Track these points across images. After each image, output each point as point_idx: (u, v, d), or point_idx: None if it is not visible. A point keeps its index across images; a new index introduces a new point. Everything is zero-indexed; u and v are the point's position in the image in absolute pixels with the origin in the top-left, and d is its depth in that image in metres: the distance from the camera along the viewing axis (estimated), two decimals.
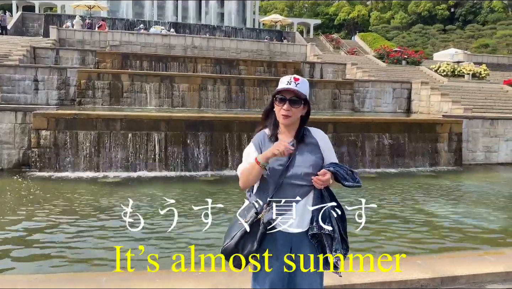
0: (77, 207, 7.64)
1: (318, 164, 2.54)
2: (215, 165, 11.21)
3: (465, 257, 5.25)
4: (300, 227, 2.50)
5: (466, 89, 20.08)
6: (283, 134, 2.59)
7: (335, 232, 2.46)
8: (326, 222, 2.45)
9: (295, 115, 2.53)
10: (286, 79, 2.55)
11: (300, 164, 2.51)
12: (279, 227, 2.49)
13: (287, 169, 2.49)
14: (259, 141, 2.60)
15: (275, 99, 2.55)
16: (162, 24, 33.81)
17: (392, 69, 25.12)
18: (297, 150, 2.53)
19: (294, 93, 2.50)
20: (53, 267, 5.05)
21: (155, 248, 5.56)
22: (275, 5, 76.24)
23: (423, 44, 50.82)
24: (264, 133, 2.64)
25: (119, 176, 10.45)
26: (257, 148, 2.58)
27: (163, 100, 16.59)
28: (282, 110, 2.50)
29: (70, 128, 10.50)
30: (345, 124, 12.56)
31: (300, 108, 2.54)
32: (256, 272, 2.57)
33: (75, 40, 24.84)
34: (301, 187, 2.50)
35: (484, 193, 10.06)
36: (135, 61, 20.26)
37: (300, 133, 2.59)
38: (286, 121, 2.52)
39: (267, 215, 2.48)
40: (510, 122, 14.64)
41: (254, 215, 2.49)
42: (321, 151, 2.59)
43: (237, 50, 27.04)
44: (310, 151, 2.56)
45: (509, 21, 51.56)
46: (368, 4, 71.83)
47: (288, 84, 2.51)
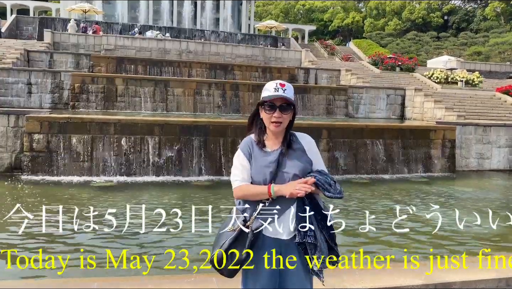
0: (69, 211, 7.56)
1: (306, 169, 2.53)
2: (209, 170, 11.18)
3: (458, 263, 5.25)
4: (287, 234, 2.49)
5: (459, 96, 20.23)
6: (270, 141, 2.59)
7: (318, 241, 2.43)
8: (309, 231, 2.43)
9: (285, 121, 2.53)
10: (272, 86, 2.51)
11: (288, 170, 2.50)
12: (267, 233, 2.49)
13: (276, 175, 2.49)
14: (248, 149, 2.59)
15: (262, 107, 2.53)
16: (157, 29, 33.82)
17: (386, 75, 25.27)
18: (285, 155, 2.53)
19: (284, 99, 2.48)
20: (43, 270, 5.00)
21: (149, 254, 5.53)
22: (270, 11, 76.58)
23: (417, 51, 51.22)
24: (251, 140, 2.62)
25: (113, 180, 10.38)
26: (247, 155, 2.57)
27: (157, 105, 16.55)
28: (273, 117, 2.48)
29: (64, 132, 10.43)
30: (339, 130, 12.58)
31: (290, 114, 2.54)
32: (247, 275, 2.55)
33: (69, 43, 24.78)
34: None
35: (477, 199, 10.11)
36: (129, 65, 20.25)
37: (287, 139, 2.58)
38: (277, 129, 2.51)
39: (256, 223, 2.47)
40: (503, 129, 14.75)
41: (242, 223, 2.48)
42: (308, 155, 2.58)
43: (232, 56, 27.10)
44: (298, 157, 2.55)
45: (502, 29, 52.14)
46: (363, 11, 72.35)
47: (276, 91, 2.48)
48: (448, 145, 13.56)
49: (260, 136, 2.59)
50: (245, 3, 51.04)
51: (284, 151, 2.53)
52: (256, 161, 2.55)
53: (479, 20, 58.84)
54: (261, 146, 2.57)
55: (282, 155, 2.52)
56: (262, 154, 2.56)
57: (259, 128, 2.60)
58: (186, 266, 3.91)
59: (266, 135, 2.60)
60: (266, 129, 2.59)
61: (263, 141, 2.58)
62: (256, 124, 2.62)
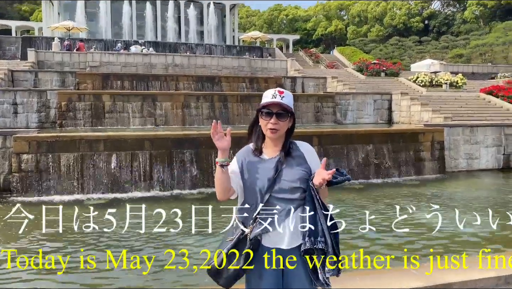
0: (60, 231, 7.43)
1: (305, 177, 2.49)
2: (202, 182, 11.12)
3: (456, 264, 5.27)
4: (291, 244, 2.44)
5: (445, 98, 20.52)
6: (269, 148, 2.55)
7: (329, 247, 2.39)
8: (319, 236, 2.39)
9: (282, 128, 2.50)
10: (270, 92, 2.50)
11: (287, 178, 2.46)
12: (267, 243, 2.44)
13: (274, 183, 2.45)
14: (242, 155, 2.56)
15: (260, 114, 2.51)
16: (142, 44, 33.81)
17: (371, 81, 25.56)
18: (284, 163, 2.49)
19: (281, 106, 2.46)
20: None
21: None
22: (254, 22, 77.24)
23: (400, 56, 51.97)
24: (248, 148, 2.59)
25: (104, 198, 10.26)
26: (239, 162, 2.54)
27: (145, 120, 16.49)
28: (269, 124, 2.45)
29: (53, 151, 10.30)
30: (330, 136, 12.65)
31: (286, 121, 2.50)
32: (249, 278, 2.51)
33: (54, 62, 24.61)
34: (289, 201, 2.44)
35: (469, 199, 10.21)
36: (116, 81, 20.16)
37: (286, 147, 2.54)
38: (274, 135, 2.47)
39: (254, 231, 2.42)
40: (489, 129, 14.97)
41: (240, 232, 2.44)
42: (308, 164, 2.54)
43: (218, 67, 27.17)
44: (297, 164, 2.51)
45: (481, 32, 53.23)
46: (345, 19, 73.34)
47: (273, 98, 2.46)
48: (437, 147, 13.70)
49: (258, 143, 2.55)
50: (229, 15, 51.37)
51: (282, 159, 2.49)
52: (251, 169, 2.50)
53: (459, 23, 60.04)
54: (258, 153, 2.53)
55: (280, 163, 2.49)
56: (258, 161, 2.52)
57: (258, 135, 2.56)
58: (186, 266, 3.87)
59: (264, 143, 2.56)
60: (264, 137, 2.56)
61: (260, 149, 2.54)
62: (255, 132, 2.59)
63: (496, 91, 20.63)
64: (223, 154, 2.41)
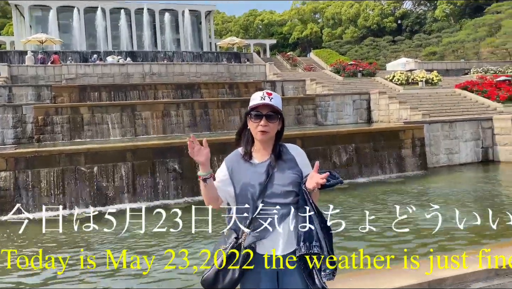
0: (42, 249, 7.23)
1: (297, 181, 2.43)
2: (187, 191, 10.99)
3: (446, 259, 5.32)
4: (286, 249, 2.38)
5: (422, 96, 20.88)
6: (259, 152, 2.49)
7: (324, 251, 2.34)
8: (314, 240, 2.34)
9: (272, 130, 2.44)
10: (259, 95, 2.45)
11: (279, 181, 2.41)
12: (262, 250, 2.38)
13: (266, 188, 2.38)
14: (231, 161, 2.50)
15: (249, 117, 2.45)
16: (118, 54, 33.42)
17: (349, 82, 25.82)
18: (275, 167, 2.43)
19: (270, 107, 2.41)
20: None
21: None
22: (230, 28, 77.32)
23: (375, 56, 52.77)
24: (237, 153, 2.53)
25: (86, 212, 10.02)
26: (228, 168, 2.48)
27: (126, 130, 16.25)
28: (259, 126, 2.40)
29: (32, 167, 10.03)
30: (312, 138, 12.70)
31: (276, 123, 2.45)
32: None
33: (28, 76, 24.06)
34: (283, 205, 2.38)
35: (452, 193, 10.37)
36: (93, 93, 19.85)
37: (276, 150, 2.49)
38: (264, 137, 2.42)
39: (248, 238, 2.36)
40: (467, 123, 15.27)
41: (234, 240, 2.38)
42: (299, 167, 2.49)
43: (197, 74, 27.04)
44: (288, 168, 2.46)
45: (452, 29, 54.50)
46: (320, 22, 74.14)
47: (262, 100, 2.41)
48: (418, 144, 13.90)
49: (247, 147, 2.49)
50: (204, 22, 51.30)
51: (273, 163, 2.43)
52: (242, 174, 2.44)
53: (430, 22, 61.36)
54: (248, 158, 2.47)
55: (271, 167, 2.43)
56: (248, 166, 2.46)
57: (247, 139, 2.50)
58: (186, 266, 3.82)
59: (254, 147, 2.50)
60: (254, 140, 2.49)
61: (250, 153, 2.48)
62: (244, 136, 2.53)
63: (470, 86, 21.10)
64: (205, 167, 2.35)
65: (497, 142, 15.25)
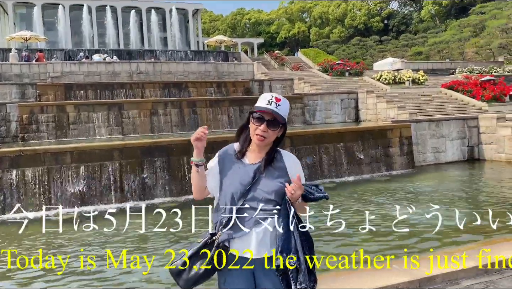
0: (27, 250, 7.09)
1: (280, 190, 2.35)
2: (174, 190, 10.90)
3: (436, 257, 5.35)
4: (259, 253, 2.32)
5: (409, 95, 21.06)
6: (253, 153, 2.44)
7: (301, 264, 2.26)
8: (292, 252, 2.27)
9: (271, 137, 2.38)
10: (267, 97, 2.37)
11: (263, 187, 2.36)
12: (234, 250, 2.34)
13: (249, 191, 2.35)
14: (224, 155, 2.46)
15: (252, 117, 2.39)
16: (104, 52, 33.04)
17: (337, 81, 25.93)
18: (263, 172, 2.39)
19: (274, 115, 2.34)
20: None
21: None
22: (217, 27, 77.14)
23: (362, 55, 53.11)
24: (231, 148, 2.49)
25: (72, 212, 9.84)
26: (220, 161, 2.44)
27: (112, 129, 16.07)
28: (258, 130, 2.34)
29: (16, 166, 9.83)
30: (301, 137, 12.70)
31: (277, 131, 2.38)
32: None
33: (12, 74, 23.63)
34: (262, 212, 2.33)
35: (439, 191, 10.47)
36: (79, 91, 19.59)
37: (271, 155, 2.42)
38: (261, 143, 2.37)
39: (223, 236, 2.33)
40: (453, 122, 15.44)
41: (208, 236, 2.37)
42: (289, 177, 2.40)
43: (184, 73, 26.87)
44: (276, 176, 2.39)
45: (438, 29, 55.15)
46: (307, 21, 74.35)
47: (268, 104, 2.34)
48: (405, 142, 14.01)
49: (243, 145, 2.45)
50: (192, 20, 51.03)
51: (262, 167, 2.38)
52: (230, 171, 2.41)
53: (416, 22, 62.04)
54: (241, 156, 2.43)
55: (259, 171, 2.38)
56: (239, 164, 2.42)
57: (245, 137, 2.45)
58: (186, 266, 3.78)
59: (250, 147, 2.45)
60: (251, 140, 2.44)
61: (244, 152, 2.44)
62: (243, 133, 2.48)
63: (456, 86, 21.34)
64: (199, 153, 2.39)
65: (483, 141, 15.45)
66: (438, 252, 5.68)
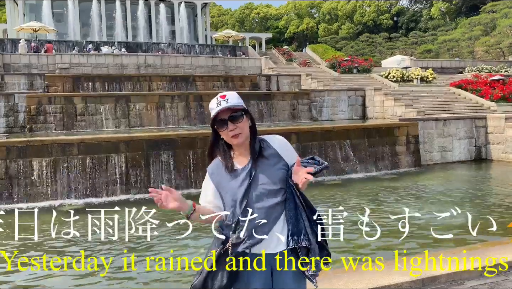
0: (33, 240, 7.16)
1: (283, 176, 2.33)
2: (180, 183, 10.93)
3: (440, 256, 5.33)
4: (277, 248, 2.31)
5: (417, 93, 20.92)
6: (238, 157, 2.38)
7: (312, 243, 2.29)
8: (302, 234, 2.29)
9: (244, 130, 2.31)
10: (214, 103, 2.32)
11: (264, 181, 2.31)
12: (254, 250, 2.29)
13: (249, 192, 2.29)
14: (216, 173, 2.39)
15: (215, 128, 2.33)
16: (112, 44, 33.10)
17: (344, 78, 25.82)
18: (256, 167, 2.33)
19: (230, 110, 2.29)
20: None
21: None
22: (226, 21, 76.96)
23: (371, 52, 52.77)
24: (218, 164, 2.40)
25: (78, 203, 9.94)
26: (214, 181, 2.38)
27: (119, 121, 16.12)
28: (229, 132, 2.28)
29: (24, 156, 9.91)
30: (308, 133, 12.67)
31: (244, 120, 2.32)
32: None
33: (21, 64, 23.78)
34: (270, 208, 2.29)
35: (445, 191, 10.41)
36: (87, 83, 19.65)
37: (255, 148, 2.36)
38: (239, 140, 2.30)
39: (238, 248, 2.27)
40: (461, 121, 15.31)
41: (221, 246, 2.29)
42: (284, 160, 2.38)
43: (192, 67, 26.87)
44: (272, 164, 2.35)
45: (448, 27, 54.61)
46: (316, 17, 73.96)
47: (218, 105, 2.29)
48: (412, 141, 13.92)
49: (227, 159, 2.37)
50: (200, 14, 50.95)
51: (253, 164, 2.32)
52: (226, 185, 2.35)
53: (426, 19, 61.46)
54: (231, 169, 2.35)
55: (253, 168, 2.32)
56: (231, 175, 2.35)
57: (223, 150, 2.39)
58: (186, 267, 3.80)
59: (233, 155, 2.39)
60: (231, 148, 2.39)
61: (232, 164, 2.36)
62: (219, 150, 2.40)
63: (465, 85, 21.17)
64: (183, 207, 2.23)
65: (490, 141, 15.32)
66: (442, 252, 5.64)
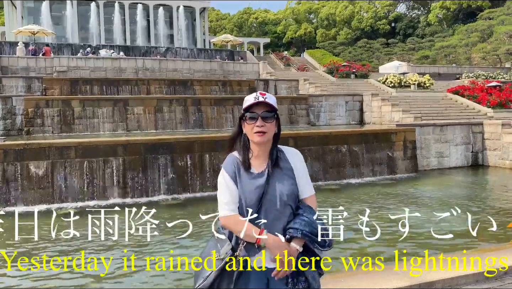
0: (31, 244, 7.13)
1: (294, 193, 2.35)
2: (177, 187, 10.92)
3: (437, 262, 5.34)
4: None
5: (414, 99, 21.01)
6: (256, 160, 2.37)
7: (310, 284, 2.35)
8: (300, 276, 2.33)
9: (270, 131, 2.32)
10: (252, 96, 2.34)
11: (277, 193, 2.31)
12: (257, 263, 2.30)
13: (263, 201, 2.29)
14: (233, 168, 2.35)
15: (244, 119, 2.35)
16: (110, 48, 33.12)
17: (342, 83, 25.90)
18: (272, 176, 2.33)
19: (265, 106, 2.31)
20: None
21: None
22: (224, 26, 77.17)
23: (369, 58, 53.00)
24: (234, 159, 2.38)
25: (75, 207, 9.91)
26: (233, 177, 2.34)
27: (117, 125, 16.12)
28: (256, 127, 2.28)
29: (21, 159, 9.87)
30: (305, 138, 12.69)
31: (273, 123, 2.34)
32: None
33: (18, 67, 23.75)
34: (275, 219, 2.30)
35: (442, 196, 10.44)
36: (84, 86, 19.66)
37: (274, 155, 2.37)
38: (262, 139, 2.29)
39: (244, 250, 2.28)
40: (458, 127, 15.38)
41: (230, 252, 2.27)
42: (295, 177, 2.38)
43: (190, 71, 26.91)
44: (286, 178, 2.35)
45: (445, 34, 54.94)
46: (314, 22, 74.25)
47: (256, 99, 2.30)
48: (409, 146, 13.96)
49: (245, 155, 2.36)
50: (199, 18, 51.08)
51: (270, 172, 2.33)
52: (242, 183, 2.33)
53: (423, 26, 61.80)
54: (247, 167, 2.34)
55: (270, 177, 2.33)
56: (248, 176, 2.34)
57: (244, 145, 2.37)
58: (186, 267, 3.82)
59: (251, 154, 2.38)
60: (251, 146, 2.38)
61: (248, 161, 2.35)
62: (239, 141, 2.39)
63: (462, 91, 21.27)
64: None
65: (487, 147, 15.39)
66: (439, 256, 5.66)
